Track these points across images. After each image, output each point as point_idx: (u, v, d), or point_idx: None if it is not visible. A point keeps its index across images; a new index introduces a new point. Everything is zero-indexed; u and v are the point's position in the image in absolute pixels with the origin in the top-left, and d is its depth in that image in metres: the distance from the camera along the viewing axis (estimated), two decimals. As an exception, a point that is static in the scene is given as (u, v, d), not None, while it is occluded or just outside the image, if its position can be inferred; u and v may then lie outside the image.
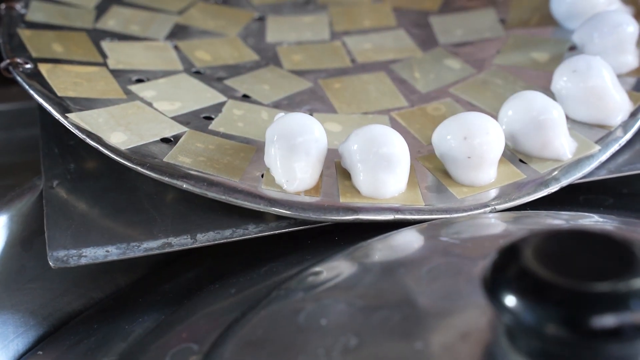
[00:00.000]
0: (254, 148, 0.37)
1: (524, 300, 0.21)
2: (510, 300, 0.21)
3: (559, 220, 0.31)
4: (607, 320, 0.20)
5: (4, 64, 0.39)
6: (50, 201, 0.36)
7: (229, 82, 0.42)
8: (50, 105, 0.37)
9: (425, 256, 0.29)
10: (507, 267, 0.22)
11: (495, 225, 0.31)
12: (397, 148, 0.34)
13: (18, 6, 0.45)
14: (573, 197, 0.37)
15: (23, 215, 0.38)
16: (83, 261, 0.33)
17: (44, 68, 0.40)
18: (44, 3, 0.47)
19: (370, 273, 0.29)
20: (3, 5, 0.45)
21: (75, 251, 0.33)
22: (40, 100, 0.37)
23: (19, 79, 0.38)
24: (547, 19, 0.46)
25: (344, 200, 0.34)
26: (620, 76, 0.39)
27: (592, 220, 0.31)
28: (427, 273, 0.27)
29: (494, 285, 0.22)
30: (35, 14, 0.45)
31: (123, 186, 0.37)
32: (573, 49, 0.43)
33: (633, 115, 0.38)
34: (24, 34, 0.43)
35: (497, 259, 0.23)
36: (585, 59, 0.38)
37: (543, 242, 0.23)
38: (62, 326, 0.36)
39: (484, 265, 0.23)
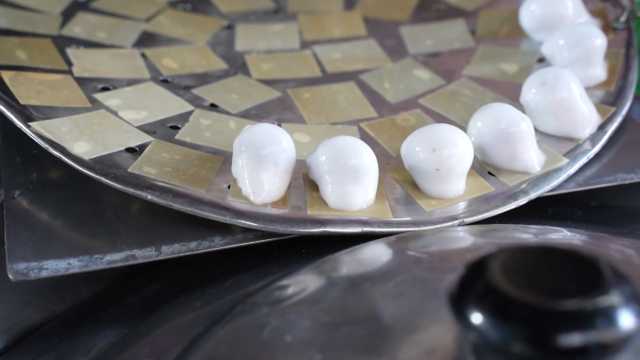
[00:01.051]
0: (221, 158, 0.36)
1: (490, 318, 0.21)
2: (476, 318, 0.21)
3: (527, 234, 0.31)
4: (574, 339, 0.20)
5: (-37, 71, 0.38)
6: (11, 212, 0.35)
7: (196, 91, 0.42)
8: (12, 113, 0.36)
9: (392, 270, 0.29)
10: (473, 284, 0.22)
11: (463, 238, 0.31)
12: (365, 160, 0.34)
13: (-20, 12, 0.44)
14: (541, 209, 0.37)
15: (-18, 227, 0.37)
16: (44, 274, 0.32)
17: (6, 75, 0.39)
18: (8, 9, 0.46)
19: (337, 287, 0.28)
20: (-35, 11, 0.44)
21: (36, 264, 0.32)
22: (2, 108, 0.36)
23: (-21, 86, 0.38)
24: (517, 31, 0.46)
25: (312, 212, 0.34)
26: (588, 89, 0.40)
27: (560, 235, 0.31)
28: (393, 288, 0.27)
29: (460, 302, 0.22)
30: (-1, 19, 0.44)
31: (87, 196, 0.36)
32: (542, 60, 0.43)
33: (601, 128, 0.38)
34: (-14, 40, 0.42)
35: (464, 274, 0.23)
36: (554, 71, 0.38)
37: (510, 258, 0.23)
38: (22, 340, 0.35)
39: (450, 280, 0.23)
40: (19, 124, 0.36)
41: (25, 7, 0.46)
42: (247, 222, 0.33)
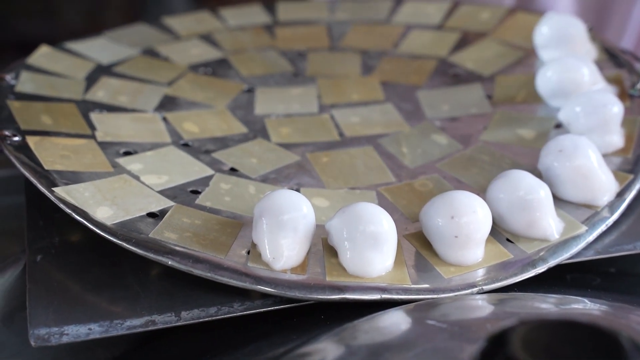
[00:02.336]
0: (240, 223, 0.37)
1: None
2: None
3: (547, 304, 0.31)
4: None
5: (-9, 136, 0.39)
6: (33, 276, 0.35)
7: (216, 155, 0.42)
8: (36, 179, 0.37)
9: (412, 340, 0.29)
10: (494, 357, 0.22)
11: (482, 307, 0.31)
12: (384, 227, 0.34)
13: (8, 77, 0.45)
14: (560, 276, 0.37)
15: (5, 291, 0.37)
16: (65, 339, 0.32)
17: (32, 141, 0.40)
18: (34, 74, 0.47)
19: (357, 357, 0.28)
20: (-7, 77, 0.45)
21: (57, 329, 0.33)
22: (27, 174, 0.37)
23: (6, 152, 0.38)
24: (533, 96, 0.46)
25: (330, 278, 0.34)
26: (605, 156, 0.40)
27: (580, 305, 0.31)
28: (414, 358, 0.27)
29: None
30: (25, 85, 0.45)
31: (107, 260, 0.36)
32: (559, 126, 0.44)
33: (619, 195, 0.38)
34: (13, 105, 0.43)
35: (485, 347, 0.23)
36: (572, 138, 0.38)
37: (531, 331, 0.23)
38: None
39: (471, 353, 0.23)
40: (43, 189, 0.36)
41: (50, 72, 0.48)
42: (267, 288, 0.33)
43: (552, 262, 0.36)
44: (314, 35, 0.56)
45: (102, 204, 0.36)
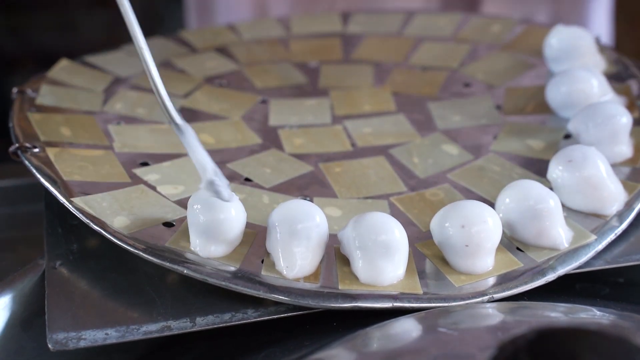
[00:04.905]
0: (254, 233, 0.37)
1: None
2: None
3: (557, 312, 0.31)
4: None
5: (12, 148, 0.40)
6: (52, 282, 0.36)
7: (231, 166, 0.43)
8: (56, 189, 0.38)
9: (423, 347, 0.29)
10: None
11: (492, 316, 0.32)
12: (396, 236, 0.35)
13: (29, 90, 0.46)
14: (569, 285, 0.37)
15: (25, 296, 0.38)
16: (82, 344, 0.33)
17: (51, 152, 0.41)
18: (54, 87, 0.48)
19: (368, 363, 0.29)
20: (14, 89, 0.46)
21: (74, 334, 0.33)
22: (47, 184, 0.38)
23: (27, 163, 0.39)
24: (543, 107, 0.47)
25: (343, 287, 0.35)
26: (614, 166, 0.40)
27: (589, 314, 0.31)
28: (424, 365, 0.28)
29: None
30: (46, 97, 0.46)
31: (124, 267, 0.37)
32: (568, 137, 0.44)
33: (628, 204, 0.39)
34: (34, 117, 0.44)
35: (496, 355, 0.23)
36: (581, 149, 0.39)
37: (541, 339, 0.23)
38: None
39: (482, 359, 0.23)
40: (62, 199, 0.37)
41: (70, 85, 0.49)
42: (280, 297, 0.34)
43: (562, 271, 0.36)
44: (327, 48, 0.57)
45: (120, 213, 0.37)
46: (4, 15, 0.95)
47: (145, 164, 0.42)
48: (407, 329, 0.32)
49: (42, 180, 0.38)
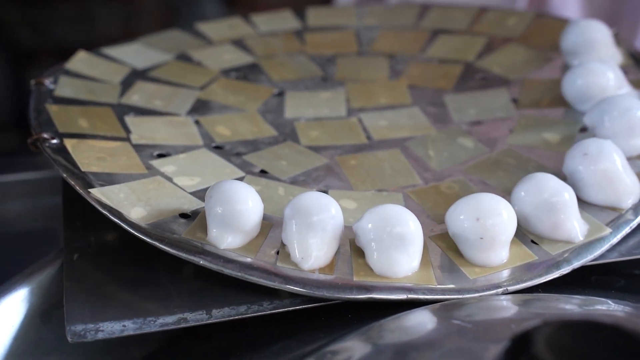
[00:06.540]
0: (270, 224, 0.38)
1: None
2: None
3: (571, 305, 0.31)
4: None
5: (31, 139, 0.41)
6: (70, 275, 0.36)
7: (247, 158, 0.43)
8: (73, 180, 0.38)
9: (437, 339, 0.30)
10: (518, 357, 0.23)
11: (507, 308, 0.32)
12: (410, 228, 0.35)
13: (47, 82, 0.47)
14: (584, 277, 0.37)
15: (43, 288, 0.38)
16: (100, 336, 0.34)
17: (69, 143, 0.41)
18: (72, 79, 0.48)
19: (384, 355, 0.29)
20: (33, 81, 0.46)
21: (92, 325, 0.34)
22: (65, 175, 0.38)
23: (45, 154, 0.40)
24: (559, 100, 0.47)
25: (358, 278, 0.35)
26: (630, 159, 0.40)
27: (604, 306, 0.31)
28: (439, 357, 0.28)
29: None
30: (64, 89, 0.47)
31: (141, 259, 0.37)
32: (584, 130, 0.44)
33: (644, 198, 0.39)
34: (52, 109, 0.44)
35: (509, 347, 0.23)
36: (597, 142, 0.39)
37: (555, 332, 0.23)
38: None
39: (495, 352, 0.23)
40: (80, 190, 0.38)
41: (88, 76, 0.49)
42: (295, 288, 0.34)
43: (576, 264, 0.36)
44: (342, 41, 0.57)
45: (137, 204, 0.37)
46: (23, 9, 0.96)
47: (162, 156, 0.43)
48: (422, 321, 0.32)
49: (60, 171, 0.39)
